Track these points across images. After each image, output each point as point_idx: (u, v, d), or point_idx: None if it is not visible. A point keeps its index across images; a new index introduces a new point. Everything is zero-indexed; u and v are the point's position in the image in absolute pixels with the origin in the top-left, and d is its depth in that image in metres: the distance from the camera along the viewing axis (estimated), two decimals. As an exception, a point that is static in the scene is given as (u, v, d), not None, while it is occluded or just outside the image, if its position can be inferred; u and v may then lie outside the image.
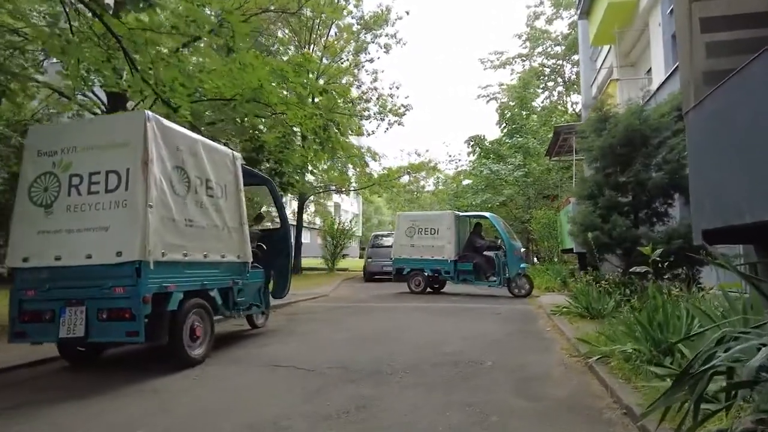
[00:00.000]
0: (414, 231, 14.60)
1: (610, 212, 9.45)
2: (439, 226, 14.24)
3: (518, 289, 13.11)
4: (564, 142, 16.65)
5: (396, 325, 8.09)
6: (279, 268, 7.90)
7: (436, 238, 14.17)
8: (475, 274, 13.70)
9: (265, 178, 7.75)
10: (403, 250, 14.72)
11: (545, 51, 33.81)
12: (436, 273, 14.10)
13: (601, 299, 8.11)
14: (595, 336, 5.67)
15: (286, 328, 7.81)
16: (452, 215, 14.42)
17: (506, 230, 13.82)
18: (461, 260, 13.89)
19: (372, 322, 8.36)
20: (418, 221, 14.77)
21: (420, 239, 14.45)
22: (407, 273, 14.54)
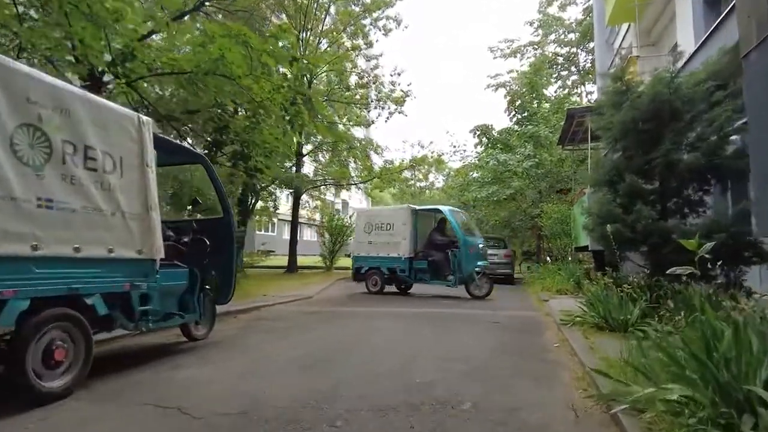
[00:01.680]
0: (371, 228, 13.76)
1: (633, 201, 7.84)
2: (395, 222, 13.37)
3: (477, 289, 12.15)
4: (578, 128, 14.97)
5: (366, 338, 6.57)
6: (222, 266, 6.42)
7: (392, 235, 13.33)
8: (431, 272, 12.80)
9: (198, 155, 6.24)
10: (361, 247, 13.90)
11: (558, 38, 31.99)
12: (392, 271, 13.19)
13: (622, 307, 6.51)
14: (619, 365, 4.10)
15: (230, 342, 6.32)
16: (407, 210, 13.48)
17: (464, 225, 12.85)
18: (417, 258, 13.04)
19: (339, 334, 6.86)
20: (375, 217, 13.98)
21: (377, 236, 13.63)
22: (365, 272, 13.64)
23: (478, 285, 12.15)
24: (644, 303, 6.50)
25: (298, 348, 5.75)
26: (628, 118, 7.82)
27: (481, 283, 12.19)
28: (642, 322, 6.26)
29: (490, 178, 20.57)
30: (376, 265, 13.45)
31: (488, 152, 21.39)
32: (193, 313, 5.92)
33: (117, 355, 5.55)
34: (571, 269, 13.57)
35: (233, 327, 7.59)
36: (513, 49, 31.57)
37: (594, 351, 5.29)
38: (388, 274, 13.24)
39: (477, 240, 12.66)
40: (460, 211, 14.09)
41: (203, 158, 6.28)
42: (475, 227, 14.09)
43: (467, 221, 13.57)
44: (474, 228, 13.77)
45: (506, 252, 18.09)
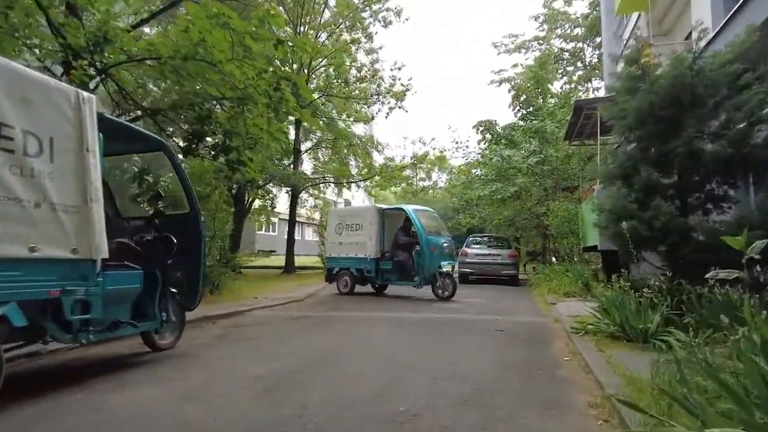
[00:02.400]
0: (342, 228, 13.62)
1: (650, 196, 7.09)
2: (363, 222, 13.14)
3: (441, 290, 11.74)
4: (587, 121, 14.17)
5: (350, 348, 5.84)
6: (188, 268, 5.70)
7: (359, 235, 13.11)
8: (396, 273, 12.56)
9: (158, 141, 5.49)
10: (332, 248, 13.73)
11: (564, 33, 31.19)
12: (361, 272, 12.89)
13: (641, 314, 5.75)
14: (645, 388, 3.36)
15: (194, 353, 5.60)
16: (373, 209, 13.33)
17: (429, 225, 12.41)
18: (383, 258, 12.78)
19: (320, 343, 6.13)
20: (345, 217, 13.82)
21: (347, 236, 13.41)
22: (337, 273, 13.49)
23: (441, 286, 11.73)
24: (666, 309, 5.75)
25: (269, 362, 5.03)
26: (644, 105, 7.06)
27: (444, 284, 11.75)
28: (663, 331, 5.53)
29: (494, 175, 19.76)
30: (346, 266, 13.22)
31: (492, 148, 20.58)
32: (152, 320, 5.20)
33: (60, 369, 4.85)
34: (579, 270, 12.79)
35: (207, 335, 6.88)
36: (518, 45, 30.84)
37: (612, 367, 4.55)
38: (357, 275, 12.94)
39: (441, 239, 12.27)
40: (428, 210, 13.78)
41: (164, 145, 5.54)
42: (442, 226, 13.78)
43: (433, 220, 13.23)
44: (441, 227, 13.48)
45: (510, 252, 17.33)
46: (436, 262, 11.71)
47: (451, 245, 12.57)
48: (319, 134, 24.55)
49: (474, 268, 17.05)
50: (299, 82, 7.74)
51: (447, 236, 12.86)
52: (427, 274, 11.68)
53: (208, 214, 11.17)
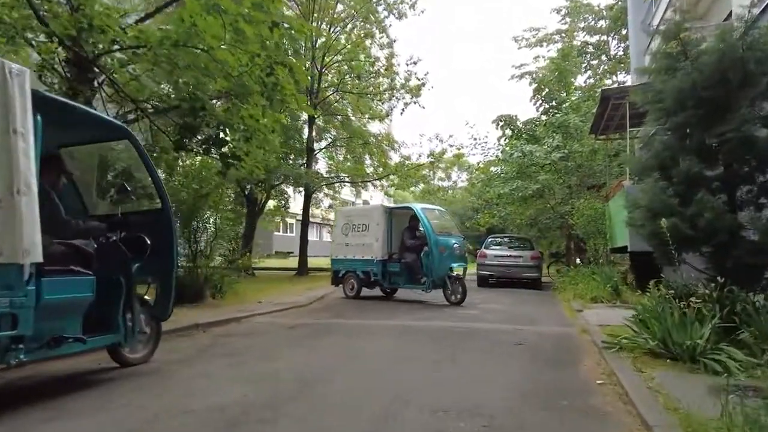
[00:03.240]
0: (349, 228, 12.77)
1: (692, 190, 6.18)
2: (369, 222, 12.32)
3: (452, 294, 10.89)
4: (614, 113, 13.19)
5: (341, 368, 5.05)
6: (159, 272, 5.01)
7: (365, 236, 12.30)
8: (405, 276, 11.69)
9: (121, 128, 4.76)
10: (338, 249, 12.88)
11: (588, 26, 29.99)
12: (367, 275, 12.09)
13: (687, 327, 4.86)
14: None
15: (162, 372, 4.87)
16: (380, 209, 12.58)
17: (437, 223, 11.51)
18: (391, 260, 11.96)
19: (309, 360, 5.37)
20: (352, 217, 13.00)
21: (353, 237, 12.63)
22: (342, 276, 12.69)
23: (452, 290, 10.89)
24: (717, 322, 4.85)
25: (245, 385, 4.28)
26: (685, 85, 6.15)
27: (455, 288, 10.89)
28: (714, 348, 4.65)
29: (514, 172, 18.79)
30: (353, 269, 12.44)
31: (512, 143, 19.60)
32: (113, 333, 4.51)
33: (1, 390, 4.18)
34: (607, 273, 11.81)
35: (191, 346, 6.19)
36: (539, 39, 29.73)
37: (657, 395, 3.70)
38: (364, 278, 12.17)
39: (451, 240, 11.31)
40: (437, 209, 12.94)
41: (128, 132, 4.83)
42: (453, 226, 12.83)
43: (444, 220, 12.37)
44: (451, 227, 12.55)
45: (533, 254, 16.35)
46: (446, 265, 10.89)
47: (462, 246, 11.64)
48: (334, 133, 23.93)
49: (493, 271, 16.14)
50: (295, 67, 7.03)
51: (458, 236, 11.89)
52: (436, 277, 10.83)
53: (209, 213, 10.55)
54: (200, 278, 10.29)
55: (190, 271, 10.29)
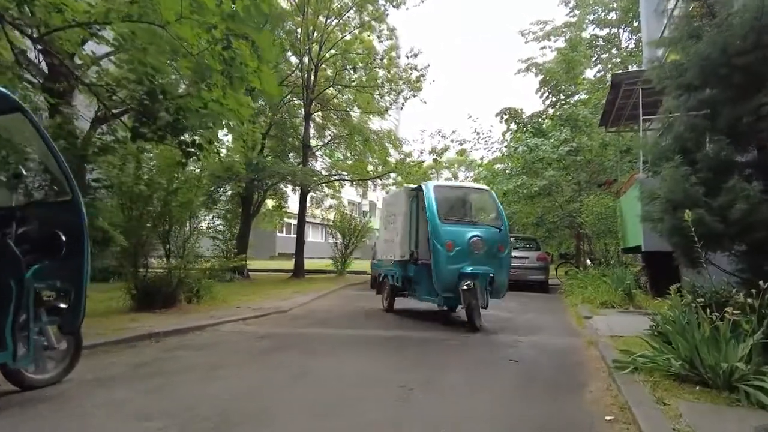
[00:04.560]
0: (385, 221, 10.33)
1: (721, 177, 5.18)
2: (396, 211, 9.52)
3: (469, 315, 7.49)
4: (626, 101, 12.16)
5: (284, 399, 4.07)
6: (68, 274, 4.09)
7: (394, 229, 9.54)
8: (423, 283, 8.57)
9: (12, 100, 3.83)
10: (379, 247, 10.73)
11: (597, 19, 28.85)
12: (395, 280, 9.56)
13: (721, 345, 3.86)
14: None
15: (68, 396, 3.95)
16: (403, 192, 9.41)
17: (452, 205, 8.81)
18: (411, 260, 8.94)
19: (254, 385, 4.40)
20: (388, 205, 10.39)
21: (387, 231, 10.15)
22: (381, 280, 10.37)
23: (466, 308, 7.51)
24: (759, 338, 3.84)
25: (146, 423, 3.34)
26: (713, 51, 5.14)
27: (471, 304, 7.41)
28: (758, 372, 3.65)
29: (519, 168, 17.72)
30: (385, 272, 10.05)
31: (517, 137, 18.53)
32: (7, 349, 3.60)
33: None
34: (618, 276, 10.77)
35: (126, 361, 5.29)
36: (547, 32, 28.64)
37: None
38: (394, 285, 9.59)
39: (469, 231, 7.87)
40: (469, 186, 10.33)
41: (22, 106, 3.90)
42: (486, 211, 9.25)
43: (474, 201, 9.28)
44: (471, 211, 9.20)
45: (540, 254, 15.27)
46: (455, 268, 7.52)
47: (491, 242, 7.93)
48: (334, 131, 23.07)
49: (497, 272, 15.07)
50: (259, 40, 6.11)
51: (486, 227, 8.21)
52: (441, 287, 7.68)
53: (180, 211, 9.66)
54: (173, 281, 9.42)
55: (163, 273, 9.44)
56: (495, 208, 8.65)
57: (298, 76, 19.61)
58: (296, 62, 19.75)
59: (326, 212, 28.84)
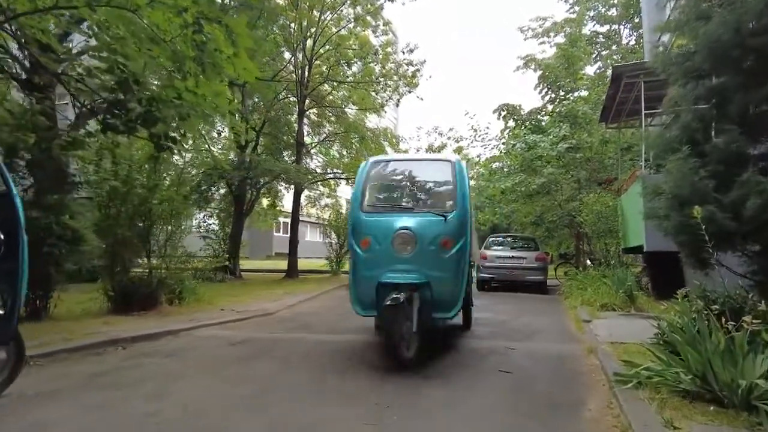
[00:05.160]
0: None
1: (733, 170, 4.73)
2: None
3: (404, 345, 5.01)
4: (627, 95, 11.70)
5: (227, 420, 3.63)
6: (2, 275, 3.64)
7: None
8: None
9: None
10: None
11: (598, 15, 28.37)
12: None
13: (737, 359, 3.40)
14: None
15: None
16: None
17: (389, 186, 6.65)
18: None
19: (204, 407, 3.92)
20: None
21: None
22: None
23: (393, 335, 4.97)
24: (779, 349, 3.38)
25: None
26: (725, 32, 4.69)
27: (398, 327, 4.91)
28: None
29: (518, 165, 17.24)
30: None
31: (515, 133, 18.04)
32: None
33: None
34: (619, 277, 10.31)
35: (82, 371, 4.85)
36: (546, 29, 28.15)
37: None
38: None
39: (393, 219, 5.67)
40: (407, 159, 7.89)
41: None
42: (423, 192, 6.53)
43: (405, 180, 6.58)
44: (421, 193, 6.51)
45: (538, 254, 14.78)
46: (372, 276, 5.37)
47: (430, 236, 5.49)
48: (330, 128, 22.65)
49: (494, 273, 14.59)
50: (234, 26, 5.66)
51: (426, 215, 5.72)
52: (358, 303, 5.65)
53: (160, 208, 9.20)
54: (153, 282, 8.98)
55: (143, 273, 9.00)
56: (454, 186, 5.93)
57: (292, 71, 19.21)
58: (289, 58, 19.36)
59: (322, 211, 28.41)
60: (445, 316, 5.61)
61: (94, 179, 8.34)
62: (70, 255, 7.30)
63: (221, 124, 19.49)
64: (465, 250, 5.66)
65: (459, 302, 5.59)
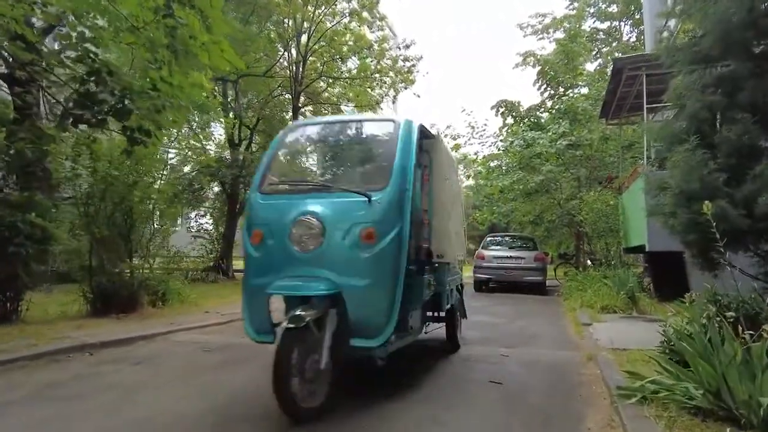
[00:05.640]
0: None
1: (746, 162, 4.35)
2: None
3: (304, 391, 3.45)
4: (628, 90, 11.32)
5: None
6: None
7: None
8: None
9: None
10: None
11: (598, 11, 28.00)
12: None
13: (757, 373, 3.00)
14: None
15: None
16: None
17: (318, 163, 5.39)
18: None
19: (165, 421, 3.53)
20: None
21: None
22: None
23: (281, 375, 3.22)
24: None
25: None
26: (738, 9, 4.30)
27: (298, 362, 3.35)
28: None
29: (516, 163, 16.85)
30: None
31: (513, 129, 17.65)
32: None
33: None
34: (621, 278, 9.93)
35: (40, 380, 4.46)
36: (545, 25, 27.75)
37: None
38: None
39: (296, 203, 3.98)
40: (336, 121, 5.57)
41: None
42: (358, 166, 4.89)
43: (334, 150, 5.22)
44: (354, 168, 4.95)
45: (537, 254, 14.41)
46: (261, 284, 3.80)
47: (345, 226, 3.79)
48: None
49: (491, 274, 14.22)
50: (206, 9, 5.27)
51: (342, 196, 3.97)
52: (248, 321, 4.09)
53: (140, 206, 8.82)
54: (134, 283, 8.59)
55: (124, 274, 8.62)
56: (392, 156, 4.09)
57: (286, 67, 18.84)
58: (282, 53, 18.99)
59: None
60: (366, 346, 3.66)
61: (68, 175, 7.95)
62: (39, 255, 6.92)
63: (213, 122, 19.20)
64: (401, 246, 3.78)
65: (390, 324, 3.66)
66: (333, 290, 3.57)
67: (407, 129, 4.31)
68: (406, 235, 3.87)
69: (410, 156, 4.12)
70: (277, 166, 4.67)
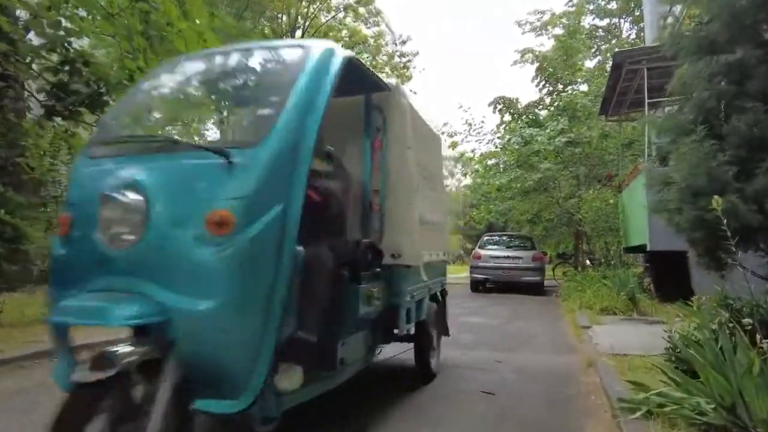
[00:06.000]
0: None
1: (757, 155, 4.04)
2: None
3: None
4: (628, 85, 11.01)
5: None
6: None
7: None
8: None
9: None
10: None
11: (597, 8, 27.67)
12: None
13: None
14: None
15: None
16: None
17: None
18: None
19: None
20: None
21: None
22: None
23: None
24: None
25: None
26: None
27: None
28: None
29: (514, 161, 16.54)
30: None
31: (511, 126, 17.34)
32: None
33: None
34: (621, 278, 9.62)
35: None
36: (544, 22, 27.42)
37: None
38: None
39: (115, 170, 2.32)
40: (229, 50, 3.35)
41: None
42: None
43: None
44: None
45: (535, 254, 14.09)
46: (64, 293, 2.21)
47: (185, 205, 2.15)
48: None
49: (488, 274, 13.90)
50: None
51: (188, 155, 2.29)
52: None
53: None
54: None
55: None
56: (285, 95, 2.43)
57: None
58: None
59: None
60: (223, 412, 2.12)
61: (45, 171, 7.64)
62: (10, 254, 6.59)
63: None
64: (283, 240, 2.25)
65: (258, 373, 2.14)
66: (150, 317, 2.00)
67: (322, 61, 2.63)
68: (295, 221, 2.28)
69: (317, 98, 2.49)
70: (123, 119, 3.05)
